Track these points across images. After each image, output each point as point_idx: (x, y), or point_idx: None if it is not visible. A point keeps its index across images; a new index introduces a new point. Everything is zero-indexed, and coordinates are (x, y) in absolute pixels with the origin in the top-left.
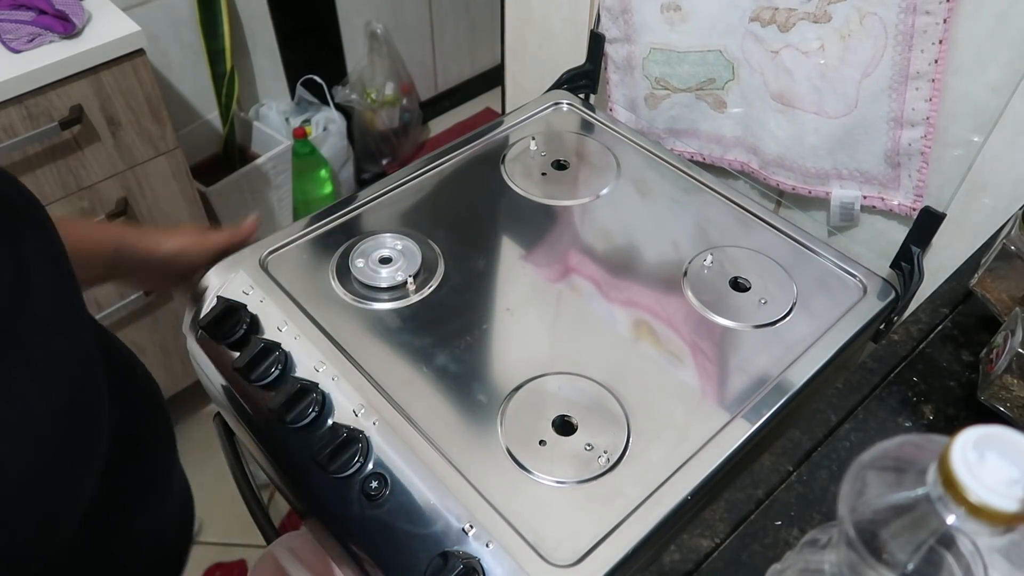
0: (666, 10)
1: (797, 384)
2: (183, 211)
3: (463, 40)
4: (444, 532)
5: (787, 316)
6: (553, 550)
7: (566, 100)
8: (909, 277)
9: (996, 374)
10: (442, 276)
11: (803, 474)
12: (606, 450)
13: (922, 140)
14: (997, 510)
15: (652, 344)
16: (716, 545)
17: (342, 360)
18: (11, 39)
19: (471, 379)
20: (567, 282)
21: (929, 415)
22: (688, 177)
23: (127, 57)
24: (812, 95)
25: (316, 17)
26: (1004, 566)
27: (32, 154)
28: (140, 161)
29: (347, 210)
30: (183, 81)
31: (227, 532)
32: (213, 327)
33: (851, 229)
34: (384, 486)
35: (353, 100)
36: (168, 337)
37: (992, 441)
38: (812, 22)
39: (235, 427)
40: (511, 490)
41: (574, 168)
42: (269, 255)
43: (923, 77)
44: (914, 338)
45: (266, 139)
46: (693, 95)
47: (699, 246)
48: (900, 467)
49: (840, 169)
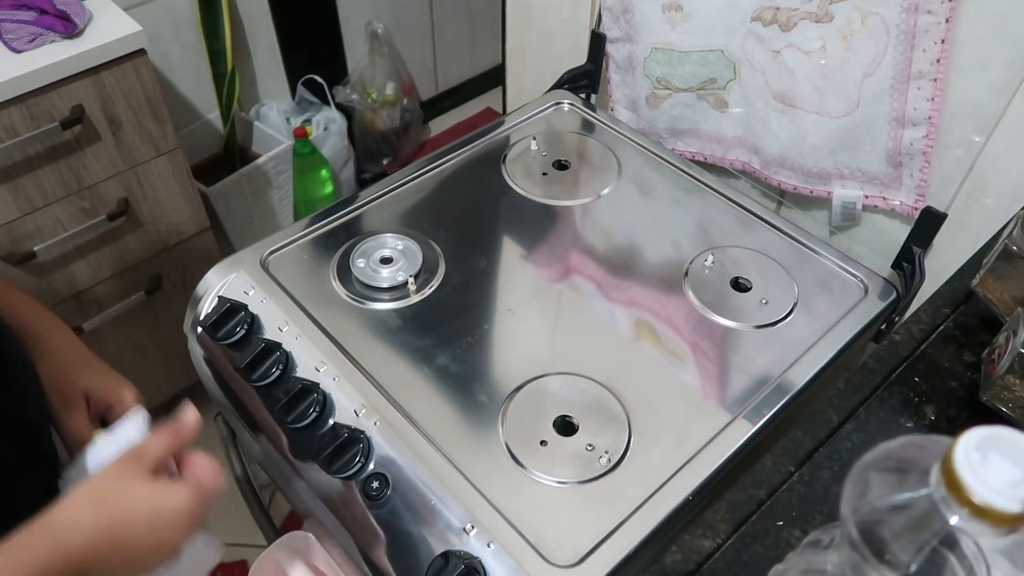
0: (667, 10)
1: (798, 384)
2: (184, 211)
3: (464, 40)
4: (445, 532)
5: (788, 316)
6: (554, 550)
7: (567, 100)
8: (910, 277)
9: (998, 374)
10: (443, 276)
11: (805, 474)
12: (607, 450)
13: (924, 140)
14: (1000, 511)
15: (653, 344)
16: (718, 546)
17: (343, 360)
18: (12, 39)
19: (472, 379)
20: (568, 282)
21: (931, 416)
22: (689, 177)
23: (128, 57)
24: (813, 95)
25: (317, 17)
26: (1007, 567)
27: (33, 154)
28: (141, 161)
29: (348, 210)
30: (184, 81)
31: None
32: (214, 327)
33: (852, 229)
34: (385, 486)
35: (354, 100)
36: (169, 337)
37: (995, 442)
38: (814, 22)
39: (236, 427)
40: (512, 490)
41: (575, 168)
42: (270, 255)
43: (925, 77)
44: (916, 338)
45: (267, 139)
46: (694, 95)
47: (700, 246)
48: (902, 468)
49: (841, 169)
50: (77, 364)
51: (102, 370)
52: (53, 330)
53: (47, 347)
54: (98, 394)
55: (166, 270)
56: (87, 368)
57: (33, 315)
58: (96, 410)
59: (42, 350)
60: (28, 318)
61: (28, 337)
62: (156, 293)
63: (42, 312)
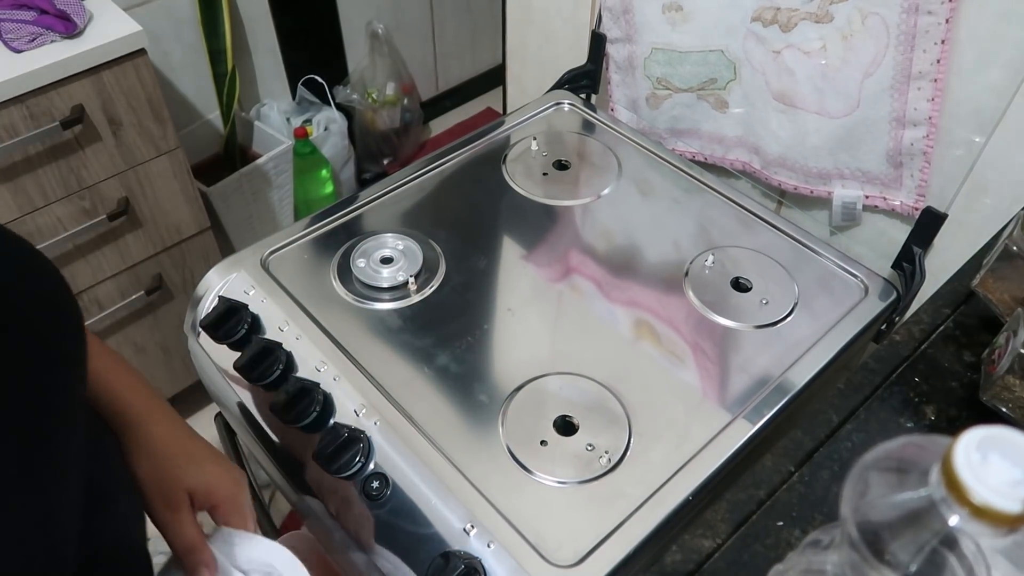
0: (668, 10)
1: (799, 384)
2: (184, 211)
3: (464, 40)
4: (445, 532)
5: (788, 316)
6: (554, 550)
7: (567, 100)
8: (911, 277)
9: (998, 375)
10: (443, 276)
11: (805, 474)
12: (607, 450)
13: (924, 140)
14: (1000, 511)
15: (653, 344)
16: (718, 545)
17: (343, 360)
18: (12, 39)
19: (472, 379)
20: (568, 282)
21: (931, 416)
22: (689, 177)
23: (128, 57)
24: (814, 95)
25: (317, 17)
26: (1007, 567)
27: (33, 154)
28: (141, 161)
29: (348, 210)
30: (184, 81)
31: None
32: (214, 327)
33: (852, 229)
34: (385, 486)
35: (354, 100)
36: (169, 337)
37: (995, 442)
38: (814, 22)
39: (236, 427)
40: (512, 490)
41: (575, 168)
42: (270, 255)
43: (925, 77)
44: (916, 339)
45: (267, 139)
46: (695, 95)
47: (700, 246)
48: (903, 468)
49: (842, 169)
50: (179, 460)
51: (206, 459)
52: (155, 422)
53: (147, 441)
54: (201, 495)
55: (166, 270)
56: (190, 464)
57: (136, 402)
58: (200, 507)
59: (141, 444)
60: (128, 405)
61: (126, 427)
62: (156, 293)
63: (146, 399)
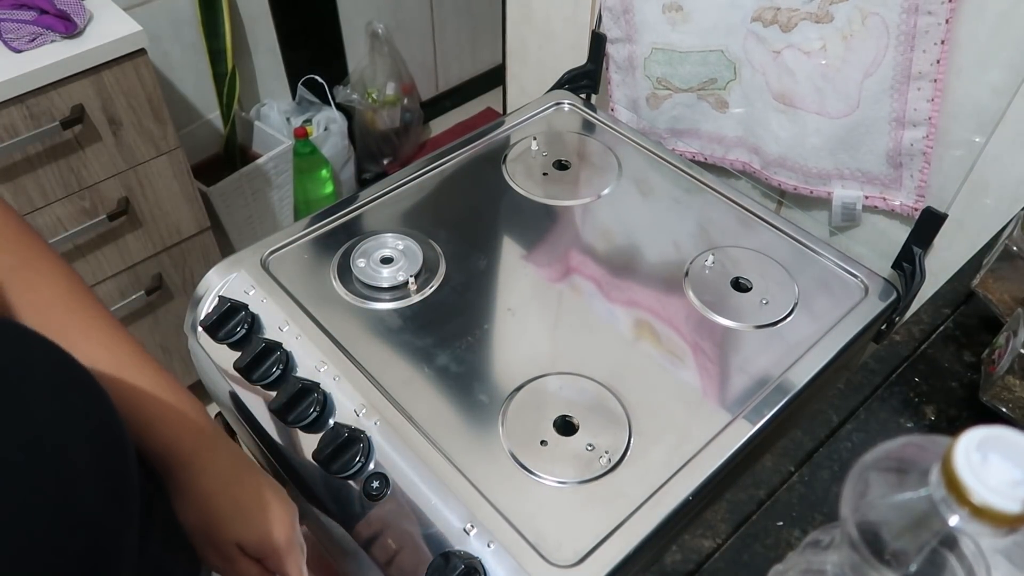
0: (668, 10)
1: (799, 384)
2: (184, 211)
3: (464, 40)
4: (445, 532)
5: (788, 316)
6: (554, 550)
7: (567, 100)
8: (911, 277)
9: (998, 375)
10: (443, 276)
11: (805, 475)
12: (607, 450)
13: (924, 140)
14: (1000, 511)
15: (653, 344)
16: (718, 546)
17: (343, 360)
18: (12, 39)
19: (472, 379)
20: (568, 282)
21: (931, 416)
22: (689, 177)
23: (128, 57)
24: (814, 95)
25: (317, 17)
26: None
27: (33, 154)
28: (141, 161)
29: (348, 210)
30: (184, 81)
31: None
32: (214, 327)
33: (852, 229)
34: (385, 486)
35: (354, 100)
36: (169, 336)
37: (995, 442)
38: (814, 22)
39: (236, 427)
40: (512, 490)
41: (575, 168)
42: (270, 255)
43: (925, 77)
44: (916, 339)
45: (267, 139)
46: (695, 95)
47: (700, 246)
48: (902, 468)
49: (842, 169)
50: (227, 512)
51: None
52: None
53: (192, 491)
54: (252, 548)
55: (166, 270)
56: (237, 516)
57: (184, 438)
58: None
59: (186, 492)
60: (175, 442)
61: (172, 469)
62: (156, 293)
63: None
